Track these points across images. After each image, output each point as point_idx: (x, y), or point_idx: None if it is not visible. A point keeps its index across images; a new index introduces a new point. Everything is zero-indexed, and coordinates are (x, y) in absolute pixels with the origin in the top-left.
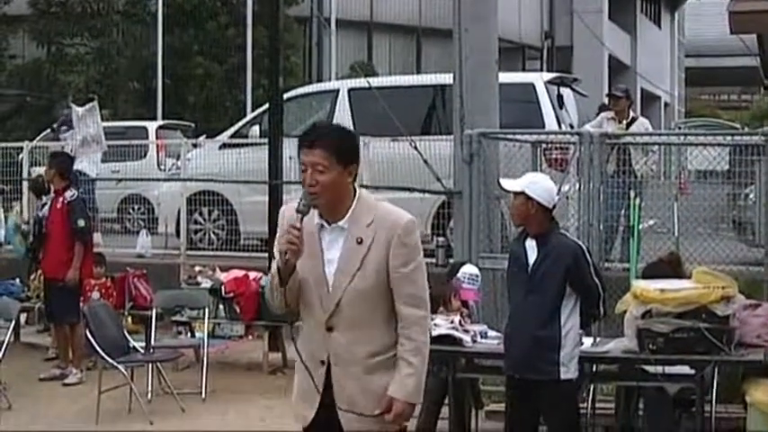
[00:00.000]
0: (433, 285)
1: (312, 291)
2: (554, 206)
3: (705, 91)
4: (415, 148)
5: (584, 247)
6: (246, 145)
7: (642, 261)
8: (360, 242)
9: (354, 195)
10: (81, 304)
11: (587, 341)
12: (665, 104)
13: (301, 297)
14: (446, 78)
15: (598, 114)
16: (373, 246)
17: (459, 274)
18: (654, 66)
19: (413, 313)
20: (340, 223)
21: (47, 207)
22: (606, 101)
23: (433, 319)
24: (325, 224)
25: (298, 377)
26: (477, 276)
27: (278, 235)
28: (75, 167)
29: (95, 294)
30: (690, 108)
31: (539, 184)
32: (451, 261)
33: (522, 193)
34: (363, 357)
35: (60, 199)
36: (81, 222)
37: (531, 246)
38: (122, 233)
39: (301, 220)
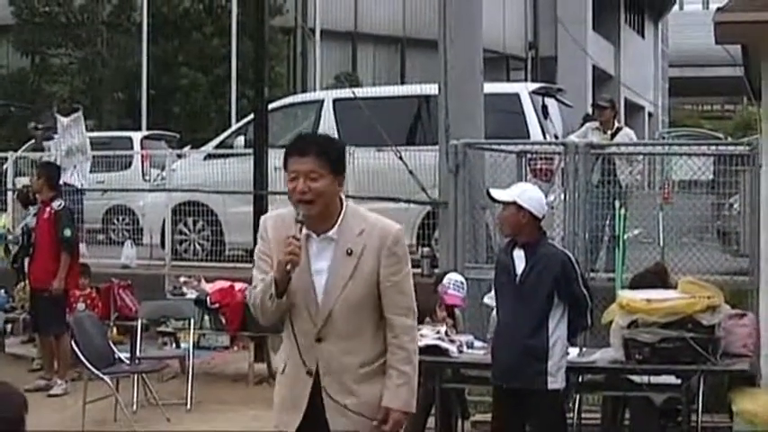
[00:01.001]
0: (419, 295)
1: (300, 301)
2: (543, 216)
3: (689, 101)
4: (401, 158)
5: (573, 258)
6: (231, 155)
7: (627, 271)
8: (350, 253)
9: (342, 206)
10: (67, 315)
11: (573, 351)
12: (649, 114)
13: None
14: (431, 88)
15: (582, 124)
16: (363, 256)
17: (444, 281)
18: (638, 76)
19: (403, 322)
20: (329, 234)
21: (34, 217)
22: (591, 111)
23: (419, 330)
24: (313, 235)
25: (280, 387)
26: (462, 283)
27: (258, 244)
28: (63, 179)
29: (81, 305)
30: (673, 118)
31: (530, 194)
32: (436, 271)
33: (514, 203)
34: (354, 367)
35: (47, 209)
36: (67, 232)
37: (518, 255)
38: (107, 244)
39: (300, 230)
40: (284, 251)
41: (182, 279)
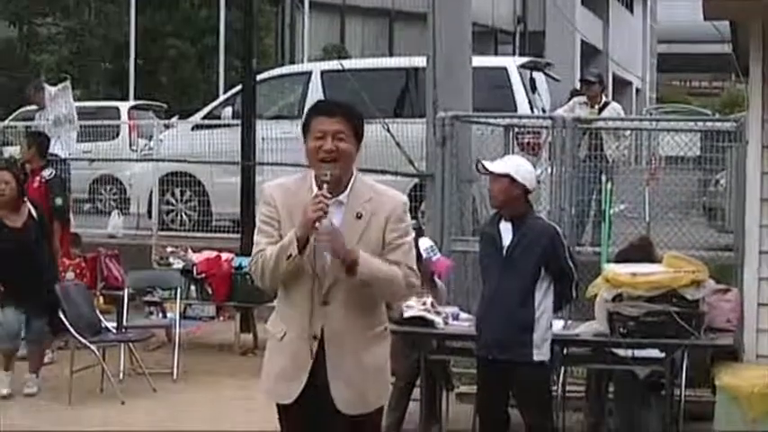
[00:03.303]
0: None
1: (305, 263)
2: (533, 189)
3: (677, 77)
4: (388, 130)
5: (560, 231)
6: (219, 126)
7: (613, 245)
8: (359, 217)
9: (353, 173)
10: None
11: (558, 324)
12: (637, 90)
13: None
14: (419, 61)
15: (570, 99)
16: (372, 221)
17: (423, 254)
18: (626, 51)
19: (407, 272)
20: (339, 197)
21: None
22: (578, 86)
23: (405, 301)
24: None
25: (277, 354)
26: (432, 246)
27: (263, 210)
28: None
29: (70, 274)
30: (661, 94)
31: (523, 167)
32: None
33: (507, 175)
34: (360, 331)
35: (37, 178)
36: (58, 201)
37: (506, 228)
38: (94, 213)
39: (327, 189)
40: (312, 208)
41: (168, 249)
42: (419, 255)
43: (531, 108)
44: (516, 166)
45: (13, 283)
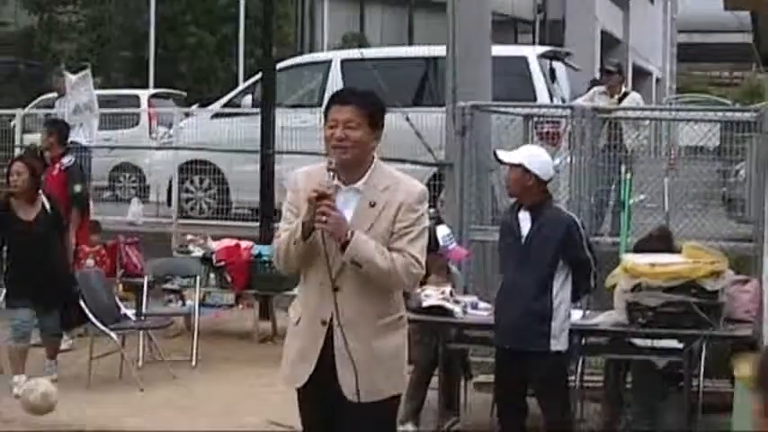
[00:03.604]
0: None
1: (320, 249)
2: (550, 179)
3: (697, 67)
4: (407, 119)
5: (578, 220)
6: (238, 114)
7: (632, 235)
8: (372, 205)
9: (372, 161)
10: (75, 270)
11: (577, 314)
12: (657, 80)
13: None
14: (439, 50)
15: (589, 89)
16: (384, 210)
17: (440, 242)
18: (646, 41)
19: (406, 260)
20: (356, 185)
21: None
22: (598, 75)
23: (423, 291)
24: (341, 185)
25: (293, 339)
26: (449, 234)
27: (288, 196)
28: (70, 137)
29: (90, 261)
30: (681, 84)
31: (537, 157)
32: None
33: (520, 165)
34: (371, 318)
35: (57, 165)
36: (77, 188)
37: (524, 217)
38: (114, 201)
39: (333, 177)
40: (310, 194)
41: (188, 237)
42: (437, 243)
43: (551, 98)
44: (529, 155)
45: (26, 277)
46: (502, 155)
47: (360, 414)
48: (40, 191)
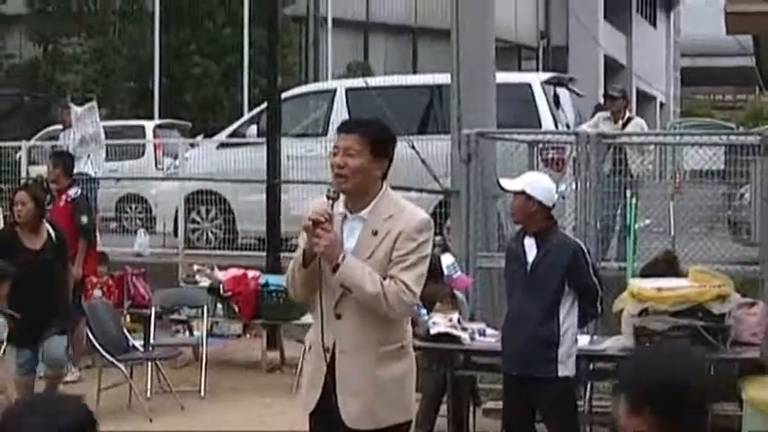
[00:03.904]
0: (430, 284)
1: (325, 277)
2: (553, 205)
3: (700, 91)
4: (413, 147)
5: (584, 246)
6: (244, 144)
7: (639, 260)
8: (375, 233)
9: (380, 190)
10: (83, 302)
11: (584, 339)
12: (661, 104)
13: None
14: (443, 78)
15: (594, 114)
16: (385, 239)
17: (444, 271)
18: (649, 66)
19: (397, 287)
20: (361, 213)
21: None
22: (602, 101)
23: (431, 318)
24: (348, 214)
25: (306, 365)
26: (454, 263)
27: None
28: (77, 168)
29: (97, 292)
30: (685, 108)
31: (539, 184)
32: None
33: (523, 192)
34: (372, 346)
35: (63, 197)
36: (84, 219)
37: (529, 244)
38: (120, 232)
39: (332, 206)
40: (314, 234)
41: (195, 267)
42: (441, 272)
43: (556, 124)
44: (531, 182)
45: (31, 307)
46: (504, 183)
47: None
48: (44, 220)
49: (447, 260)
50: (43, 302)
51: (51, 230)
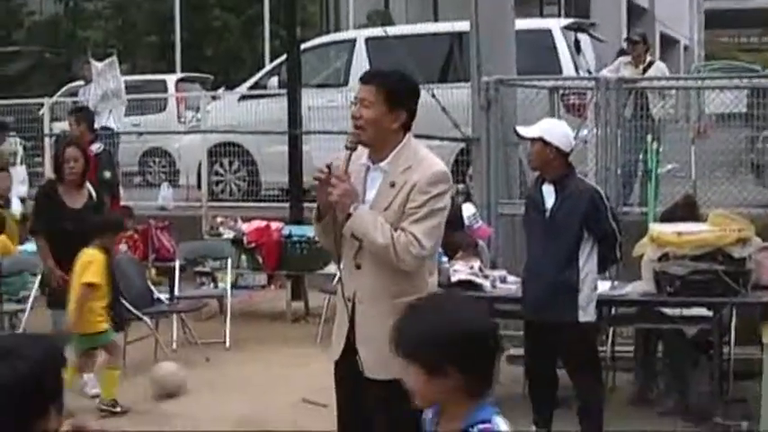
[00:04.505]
0: (452, 231)
1: (329, 227)
2: (571, 150)
3: (725, 33)
4: (433, 95)
5: (602, 192)
6: (265, 96)
7: (661, 205)
8: (392, 185)
9: (401, 141)
10: None
11: (605, 284)
12: (685, 48)
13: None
14: (464, 25)
15: (616, 59)
16: (402, 190)
17: (465, 221)
18: (673, 9)
19: (408, 241)
20: (381, 164)
21: None
22: (625, 46)
23: (452, 266)
24: (370, 164)
25: (337, 315)
26: (475, 213)
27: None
28: (99, 123)
29: (123, 247)
30: (709, 51)
31: (556, 129)
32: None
33: (540, 138)
34: (387, 297)
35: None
36: (107, 174)
37: (548, 191)
38: (144, 186)
39: (349, 157)
40: (329, 183)
41: (218, 219)
42: (462, 222)
43: (576, 70)
44: (548, 128)
45: (67, 269)
46: (521, 130)
47: (375, 390)
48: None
49: (468, 210)
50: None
51: (92, 189)
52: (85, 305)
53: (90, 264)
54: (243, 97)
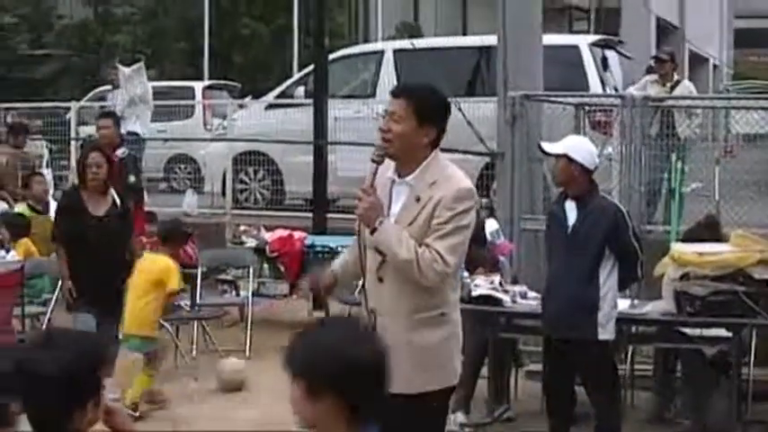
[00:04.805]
0: (474, 247)
1: (368, 241)
2: (595, 168)
3: (755, 52)
4: (459, 109)
5: (624, 210)
6: (292, 105)
7: (684, 224)
8: (418, 200)
9: (428, 156)
10: None
11: (625, 303)
12: (714, 66)
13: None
14: (492, 39)
15: (644, 77)
16: (427, 206)
17: (488, 237)
18: (703, 27)
19: (432, 257)
20: (408, 179)
21: None
22: (653, 63)
23: (473, 280)
24: (396, 178)
25: None
26: (497, 229)
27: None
28: (125, 128)
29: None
30: (739, 70)
31: (580, 147)
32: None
33: (565, 155)
34: (408, 311)
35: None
36: (131, 179)
37: (570, 207)
38: (169, 192)
39: (376, 170)
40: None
41: (242, 227)
42: (484, 238)
43: (603, 86)
44: (573, 145)
45: (87, 277)
46: (546, 146)
47: (402, 405)
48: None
49: (491, 226)
50: (103, 276)
51: (116, 196)
52: (159, 310)
53: (171, 270)
54: (269, 106)
